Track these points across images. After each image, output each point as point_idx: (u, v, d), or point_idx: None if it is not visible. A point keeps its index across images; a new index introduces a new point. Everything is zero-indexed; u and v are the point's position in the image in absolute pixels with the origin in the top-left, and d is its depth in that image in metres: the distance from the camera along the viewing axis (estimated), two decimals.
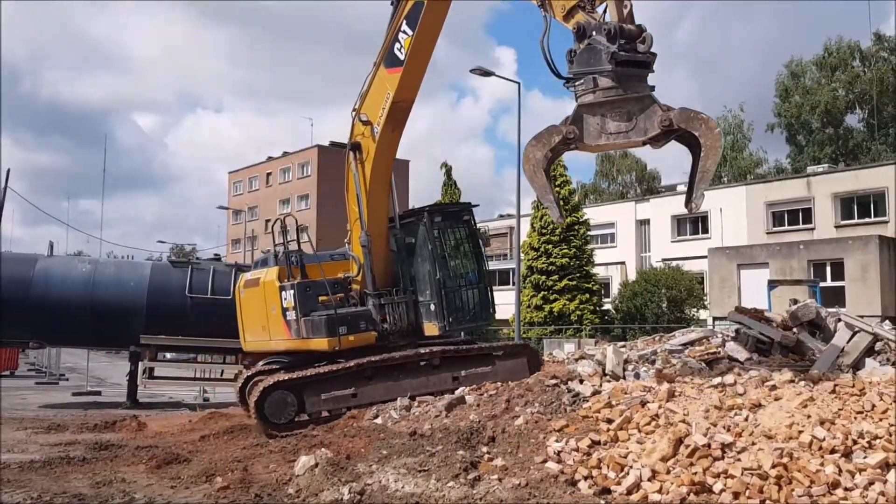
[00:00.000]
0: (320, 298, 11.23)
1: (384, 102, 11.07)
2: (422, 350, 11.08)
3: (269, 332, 11.96)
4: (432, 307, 11.53)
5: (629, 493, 6.10)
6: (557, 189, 36.12)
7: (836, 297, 25.56)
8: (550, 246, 35.28)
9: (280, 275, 11.71)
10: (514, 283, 27.11)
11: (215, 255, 29.91)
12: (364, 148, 11.49)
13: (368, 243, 11.46)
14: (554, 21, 8.44)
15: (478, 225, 12.60)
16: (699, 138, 7.69)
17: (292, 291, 11.31)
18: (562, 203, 35.94)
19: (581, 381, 9.18)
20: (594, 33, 7.85)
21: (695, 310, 33.62)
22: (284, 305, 11.47)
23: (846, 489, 5.73)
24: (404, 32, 10.64)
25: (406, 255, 11.92)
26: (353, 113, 11.63)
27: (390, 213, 12.03)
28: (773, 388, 7.72)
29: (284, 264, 11.70)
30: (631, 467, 6.40)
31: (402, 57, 10.74)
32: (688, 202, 7.97)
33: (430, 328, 11.62)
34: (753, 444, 6.48)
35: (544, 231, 35.61)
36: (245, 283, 12.95)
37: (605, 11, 8.12)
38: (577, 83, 8.08)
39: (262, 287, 12.09)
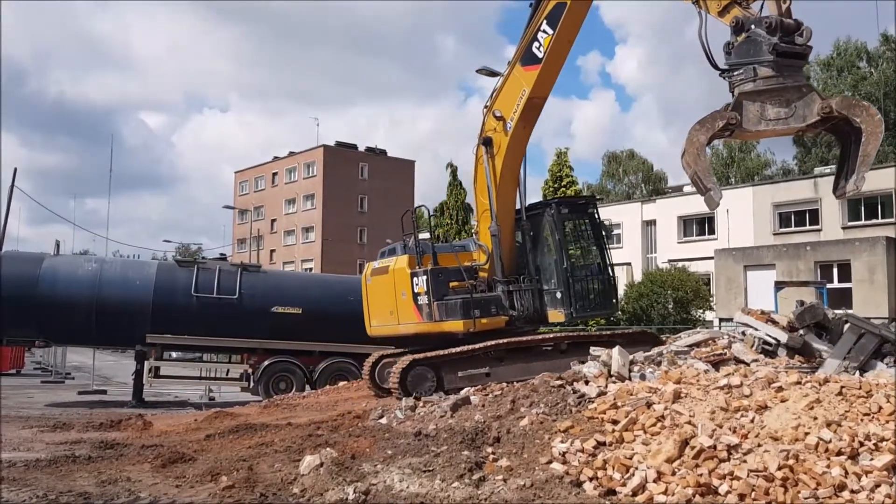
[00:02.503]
0: (451, 284, 11.87)
1: (519, 99, 11.51)
2: (555, 334, 11.85)
3: (398, 316, 12.54)
4: (558, 295, 12.03)
5: (634, 494, 6.07)
6: (563, 190, 36.08)
7: (843, 299, 25.51)
8: None
9: (410, 262, 12.31)
10: None
11: (221, 254, 30.03)
12: (495, 142, 11.98)
13: (498, 232, 12.01)
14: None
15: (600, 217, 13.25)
16: (860, 124, 8.00)
17: (425, 277, 11.95)
18: None
19: (586, 382, 9.14)
20: (753, 26, 8.21)
21: (701, 311, 33.53)
22: (416, 290, 12.10)
23: (852, 491, 5.70)
24: (544, 32, 11.11)
25: (531, 246, 12.42)
26: (485, 109, 12.14)
27: (517, 205, 12.54)
28: (780, 389, 7.68)
29: (414, 253, 12.27)
30: (636, 468, 6.37)
31: (540, 55, 11.20)
32: (841, 188, 8.33)
33: (556, 315, 12.14)
34: (759, 445, 6.45)
35: None
36: (372, 272, 13.46)
37: (761, 8, 8.50)
38: (734, 73, 8.41)
39: (391, 274, 12.70)
